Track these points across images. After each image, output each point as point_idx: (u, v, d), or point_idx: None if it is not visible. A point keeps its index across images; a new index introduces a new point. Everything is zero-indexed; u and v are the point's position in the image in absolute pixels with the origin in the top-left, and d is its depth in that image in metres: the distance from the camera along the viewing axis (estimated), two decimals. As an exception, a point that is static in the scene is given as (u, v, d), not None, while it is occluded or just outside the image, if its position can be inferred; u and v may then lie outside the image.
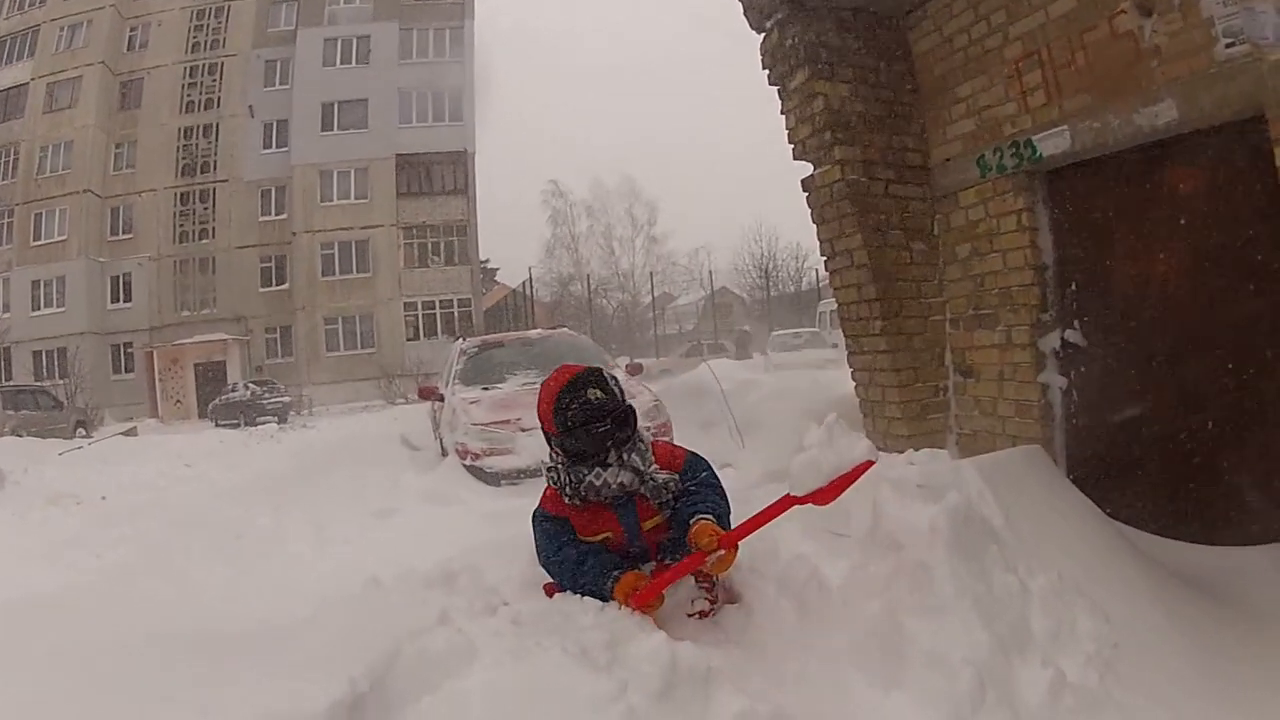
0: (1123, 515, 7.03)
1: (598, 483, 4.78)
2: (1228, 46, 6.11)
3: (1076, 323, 8.03)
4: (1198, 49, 6.34)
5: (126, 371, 61.35)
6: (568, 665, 3.77)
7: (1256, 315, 6.49)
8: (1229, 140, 6.47)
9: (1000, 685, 4.23)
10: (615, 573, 4.69)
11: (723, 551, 4.61)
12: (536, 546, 5.03)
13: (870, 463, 4.77)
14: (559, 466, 4.93)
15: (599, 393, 4.81)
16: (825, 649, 4.48)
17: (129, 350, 61.56)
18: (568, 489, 4.85)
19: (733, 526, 4.89)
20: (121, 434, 34.94)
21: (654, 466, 4.93)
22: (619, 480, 4.79)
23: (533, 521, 5.10)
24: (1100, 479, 7.62)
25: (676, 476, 4.97)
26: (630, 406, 4.97)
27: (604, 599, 4.58)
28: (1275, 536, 6.28)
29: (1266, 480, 6.51)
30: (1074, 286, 8.05)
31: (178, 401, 58.08)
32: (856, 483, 4.77)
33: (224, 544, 10.57)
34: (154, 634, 4.77)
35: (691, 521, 4.76)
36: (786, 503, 4.74)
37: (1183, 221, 7.00)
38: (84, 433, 38.22)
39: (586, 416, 4.77)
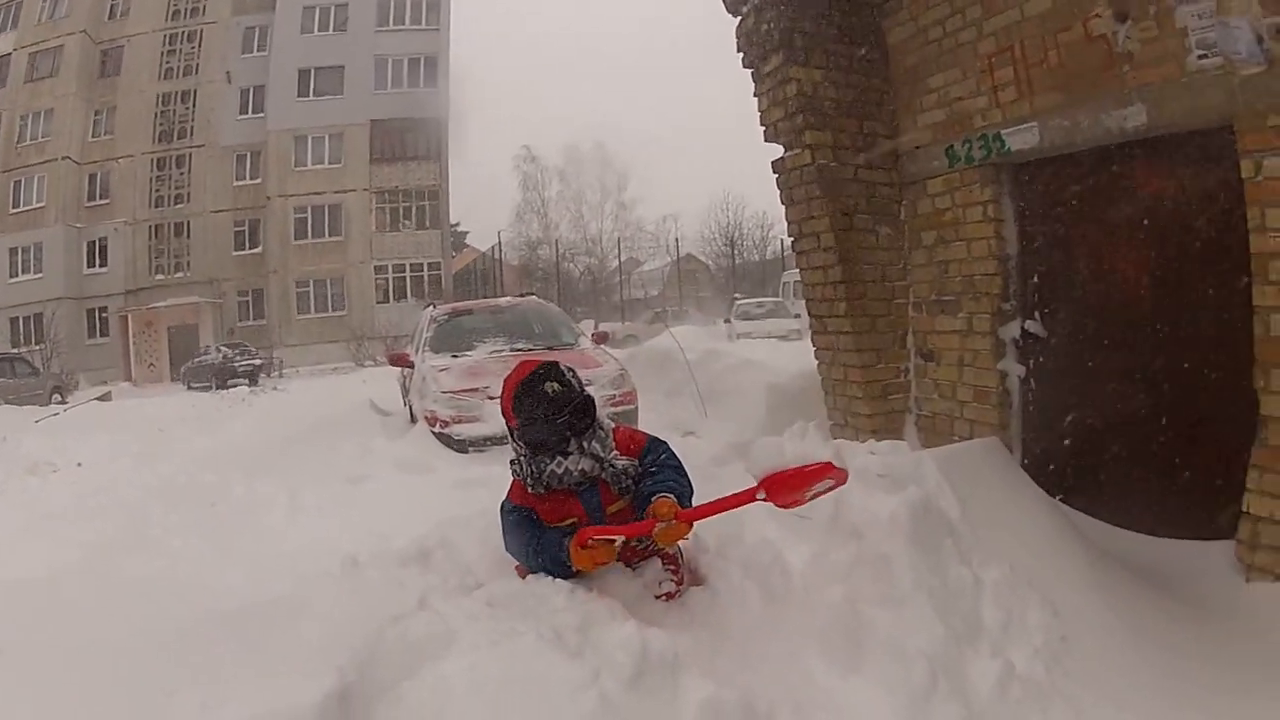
0: (1076, 503, 7.24)
1: (559, 471, 4.88)
2: (1200, 58, 6.22)
3: (1037, 313, 8.18)
4: (1170, 57, 6.46)
5: (101, 335, 61.46)
6: (543, 651, 3.88)
7: (1214, 316, 6.65)
8: (1196, 146, 6.61)
9: (953, 675, 4.39)
10: (567, 540, 4.76)
11: (673, 521, 4.70)
12: (504, 536, 5.12)
13: (831, 465, 4.84)
14: (522, 458, 5.03)
15: (556, 385, 4.90)
16: (788, 633, 4.62)
17: (104, 315, 61.68)
18: (529, 479, 4.96)
19: (694, 505, 4.99)
20: (96, 399, 35.11)
21: (614, 453, 5.03)
22: (580, 467, 4.90)
23: (500, 513, 5.18)
24: (1055, 467, 7.83)
25: (636, 462, 5.07)
26: (589, 396, 5.06)
27: (563, 561, 4.71)
28: (1227, 533, 6.39)
29: (1220, 476, 6.62)
30: (1036, 278, 8.19)
31: (151, 365, 58.07)
32: (822, 490, 4.86)
33: (200, 514, 10.67)
34: (145, 622, 4.89)
35: (653, 498, 4.84)
36: (749, 496, 4.81)
37: (1146, 222, 7.14)
38: (60, 399, 38.36)
39: (545, 409, 4.86)
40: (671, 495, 4.87)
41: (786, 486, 4.81)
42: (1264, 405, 5.97)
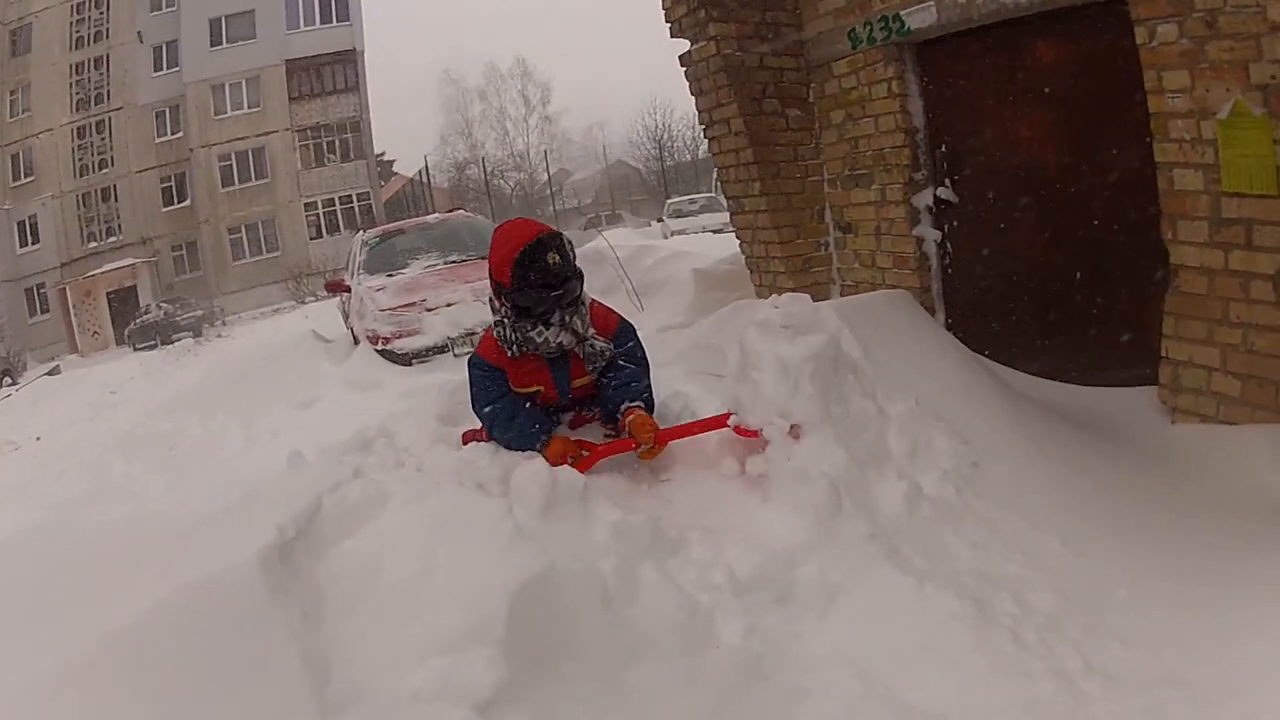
0: (1001, 357, 7.53)
1: (539, 339, 5.02)
2: (1094, -70, 6.40)
3: (948, 180, 8.42)
4: (1063, -69, 6.64)
5: (43, 312, 61.03)
6: (464, 496, 4.17)
7: (1120, 174, 6.93)
8: (1090, 17, 6.85)
9: (857, 495, 4.68)
10: (544, 436, 4.99)
11: (653, 445, 4.96)
12: (471, 392, 5.27)
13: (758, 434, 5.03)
14: (506, 319, 5.11)
15: (558, 258, 4.95)
16: (699, 469, 4.95)
17: (42, 291, 61.18)
18: (512, 343, 5.08)
19: (653, 392, 5.32)
20: (46, 374, 35.12)
21: (591, 330, 5.18)
22: (559, 340, 5.04)
23: (469, 366, 5.34)
24: (978, 323, 8.15)
25: (610, 345, 5.23)
26: (581, 272, 5.16)
27: (534, 448, 4.91)
28: (1150, 380, 6.66)
29: (1136, 326, 6.95)
30: (944, 148, 8.42)
31: (95, 333, 57.44)
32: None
33: (160, 459, 10.91)
34: (115, 548, 5.13)
35: (624, 407, 5.09)
36: (721, 422, 5.06)
37: (1048, 89, 7.39)
38: (10, 381, 38.43)
39: (542, 279, 4.92)
40: (640, 404, 5.12)
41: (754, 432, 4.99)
42: (1174, 255, 6.20)
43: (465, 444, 5.22)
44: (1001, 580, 4.46)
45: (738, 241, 10.40)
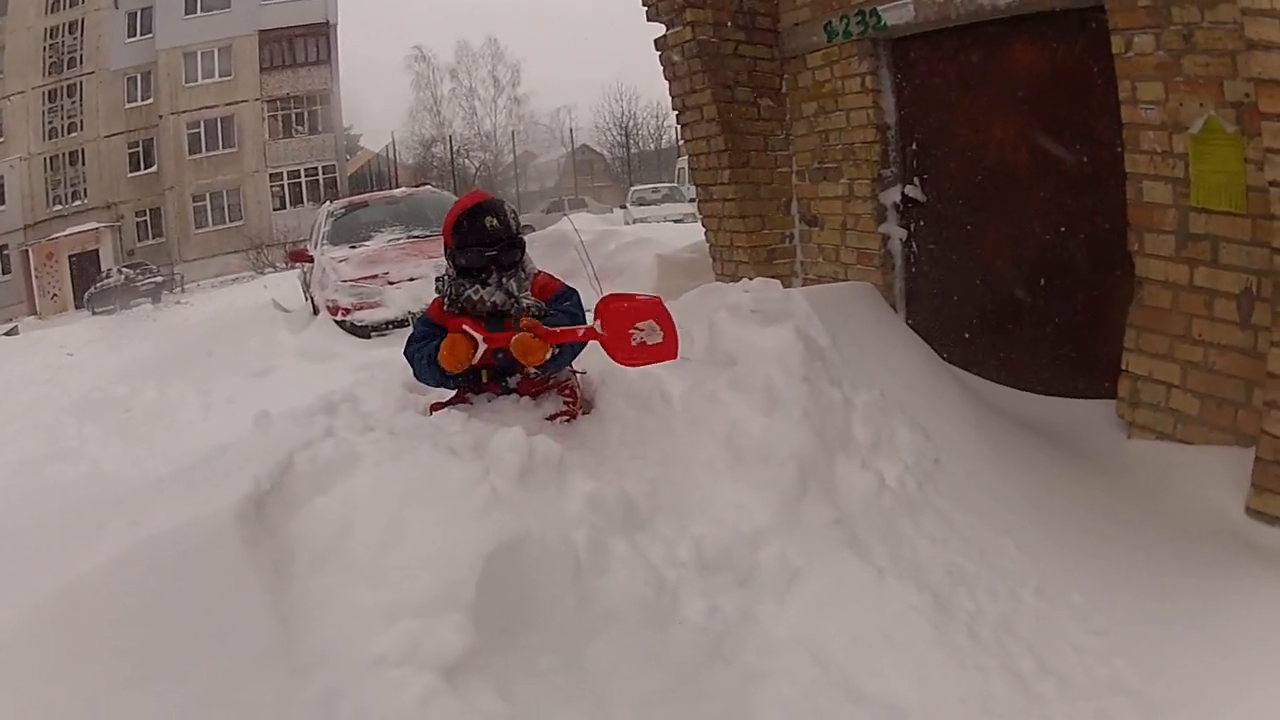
0: (961, 360, 7.57)
1: (475, 297, 5.19)
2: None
3: (917, 179, 8.48)
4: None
5: (4, 274, 60.43)
6: (439, 459, 4.12)
7: (1089, 183, 6.99)
8: (1067, 22, 6.92)
9: (823, 481, 4.71)
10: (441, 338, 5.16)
11: (526, 334, 4.99)
12: (406, 340, 5.48)
13: (659, 303, 5.10)
14: (447, 276, 5.40)
15: (494, 221, 5.22)
16: (669, 448, 4.92)
17: (5, 252, 60.59)
18: (448, 297, 5.31)
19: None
20: (4, 335, 34.86)
21: (527, 294, 5.33)
22: (492, 299, 5.20)
23: (415, 324, 5.60)
24: (938, 324, 8.16)
25: (543, 304, 5.36)
26: (520, 238, 5.40)
27: (433, 355, 5.09)
28: (1109, 393, 6.69)
29: (1098, 338, 7.00)
30: (914, 146, 8.49)
31: (54, 296, 56.97)
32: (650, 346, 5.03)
33: (116, 422, 10.87)
34: (77, 504, 5.11)
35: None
36: (591, 333, 5.15)
37: (1020, 94, 7.46)
38: (-33, 340, 38.02)
39: (478, 239, 5.20)
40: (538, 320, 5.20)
41: (621, 316, 5.11)
42: (1139, 267, 6.26)
43: (432, 414, 5.24)
44: (958, 576, 4.51)
45: (703, 229, 10.43)
